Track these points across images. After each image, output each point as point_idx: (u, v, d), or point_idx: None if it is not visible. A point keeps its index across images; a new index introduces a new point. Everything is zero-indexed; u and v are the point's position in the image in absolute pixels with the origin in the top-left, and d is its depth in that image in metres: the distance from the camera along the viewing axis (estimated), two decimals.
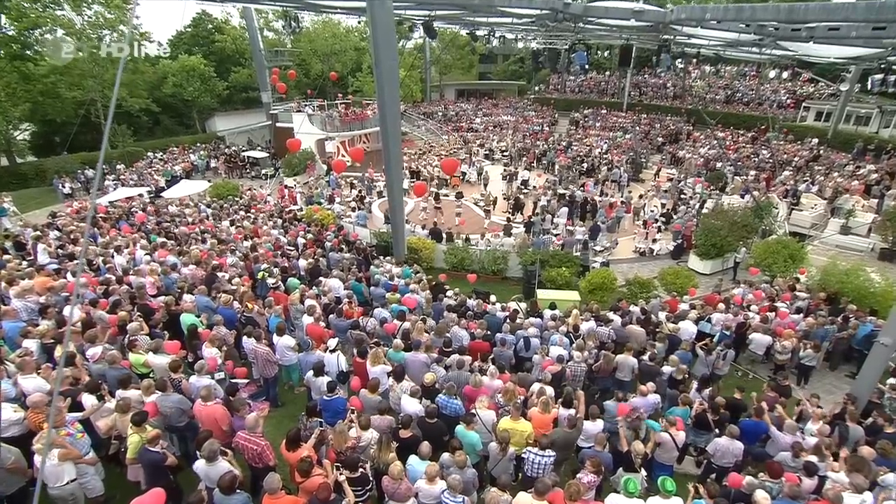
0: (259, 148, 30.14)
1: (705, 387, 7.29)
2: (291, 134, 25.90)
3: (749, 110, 32.16)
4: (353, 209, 18.23)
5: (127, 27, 22.35)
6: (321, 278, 10.25)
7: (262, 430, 5.19)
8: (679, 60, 20.33)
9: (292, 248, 12.69)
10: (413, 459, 5.04)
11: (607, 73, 47.06)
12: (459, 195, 21.02)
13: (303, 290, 9.21)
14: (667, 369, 7.79)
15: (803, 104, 29.30)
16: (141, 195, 17.90)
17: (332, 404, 5.94)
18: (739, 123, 30.29)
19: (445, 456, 5.16)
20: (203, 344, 6.85)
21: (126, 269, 9.27)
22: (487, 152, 30.30)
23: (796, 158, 22.78)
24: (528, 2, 11.76)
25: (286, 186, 21.36)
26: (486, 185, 22.52)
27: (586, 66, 13.79)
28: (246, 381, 7.39)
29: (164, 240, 11.26)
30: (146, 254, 10.21)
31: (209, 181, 21.54)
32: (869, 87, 15.61)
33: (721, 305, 10.20)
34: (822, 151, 23.74)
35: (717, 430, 6.52)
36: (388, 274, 11.43)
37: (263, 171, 26.30)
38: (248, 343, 7.23)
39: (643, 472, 5.58)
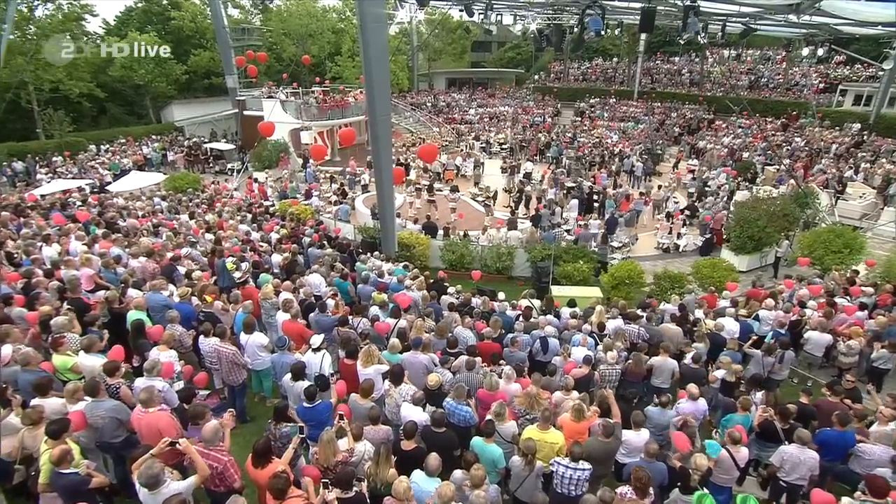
0: (224, 140, 29.51)
1: (759, 392, 6.80)
2: (258, 122, 25.37)
3: (777, 95, 32.40)
4: (335, 203, 17.73)
5: None
6: (298, 276, 9.62)
7: (227, 445, 4.55)
8: (701, 35, 20.23)
9: (264, 245, 12.06)
10: (418, 476, 4.45)
11: (615, 59, 47.64)
12: (455, 189, 20.67)
13: (276, 283, 8.57)
14: (719, 373, 7.26)
15: (839, 87, 29.45)
16: (81, 188, 17.15)
17: (315, 413, 5.30)
18: (767, 110, 30.47)
19: (458, 473, 4.58)
20: (152, 346, 6.18)
21: (56, 261, 8.54)
22: (484, 145, 30.16)
23: (835, 146, 22.74)
24: None
25: (255, 180, 20.76)
26: (476, 183, 22.33)
27: (602, 33, 13.50)
28: (207, 391, 6.72)
29: (107, 230, 10.53)
30: (83, 244, 9.49)
31: (165, 175, 20.86)
32: None
33: (769, 301, 9.77)
34: (865, 137, 23.77)
35: (786, 442, 5.99)
36: (378, 270, 10.87)
37: (229, 165, 25.69)
38: (209, 343, 6.56)
39: (704, 490, 5.01)
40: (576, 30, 13.07)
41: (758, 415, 6.24)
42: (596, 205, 18.34)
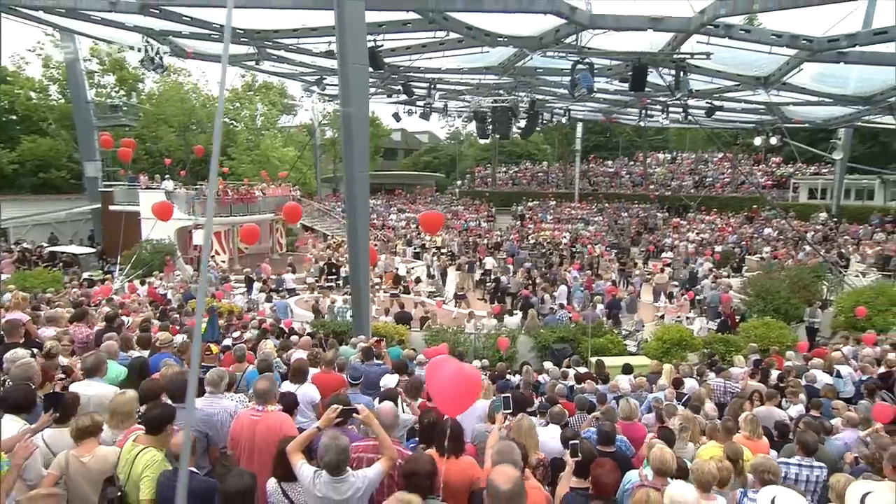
0: (76, 243, 27.81)
1: None
2: (131, 220, 24.50)
3: (729, 192, 37.86)
4: (268, 299, 17.37)
5: None
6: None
7: None
8: (663, 117, 23.79)
9: None
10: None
11: (544, 163, 53.55)
12: (405, 291, 21.14)
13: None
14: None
15: (792, 182, 35.13)
16: None
17: None
18: (723, 207, 35.23)
19: None
20: None
21: None
22: (418, 250, 31.43)
23: (810, 234, 26.58)
24: (529, 3, 13.39)
25: (142, 282, 19.50)
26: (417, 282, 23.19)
27: (594, 90, 15.54)
28: None
29: None
30: None
31: None
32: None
33: (837, 355, 10.77)
34: (836, 225, 28.18)
35: None
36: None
37: (87, 275, 23.84)
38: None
39: None
40: (574, 79, 14.73)
41: None
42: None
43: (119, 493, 3.47)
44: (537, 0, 13.27)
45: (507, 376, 9.64)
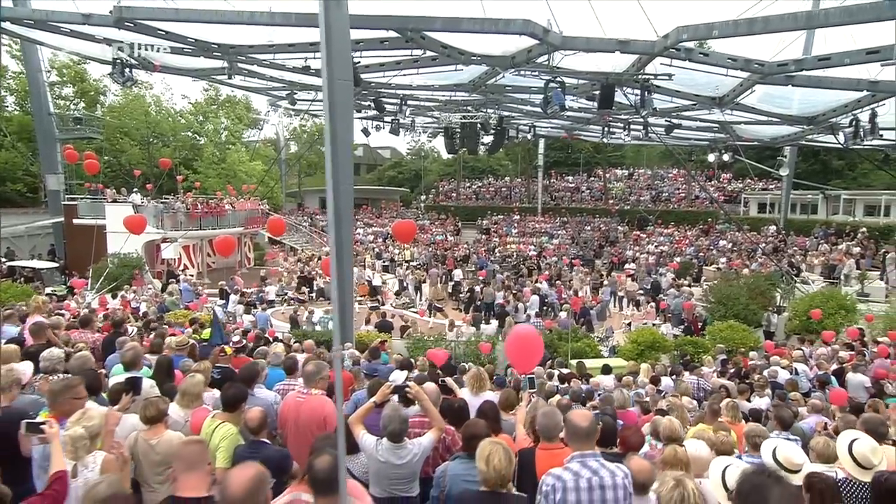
0: (35, 258, 27.13)
1: None
2: (94, 233, 24.15)
3: (685, 206, 39.43)
4: (247, 311, 17.45)
5: None
6: None
7: None
8: (624, 134, 24.85)
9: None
10: None
11: (507, 178, 54.73)
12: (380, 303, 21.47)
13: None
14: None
15: (742, 197, 36.86)
16: None
17: None
18: (680, 220, 36.75)
19: None
20: None
21: None
22: (387, 263, 31.78)
23: (762, 245, 27.98)
24: (505, 24, 14.03)
25: (114, 296, 19.25)
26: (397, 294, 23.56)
27: (566, 107, 16.30)
28: None
29: None
30: None
31: None
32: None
33: (796, 353, 11.63)
34: (785, 237, 29.70)
35: None
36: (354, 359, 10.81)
37: (50, 290, 23.33)
38: None
39: None
40: (547, 96, 15.41)
41: None
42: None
43: None
44: (513, 22, 13.86)
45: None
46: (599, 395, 8.69)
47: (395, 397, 4.21)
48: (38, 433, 3.26)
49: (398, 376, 7.27)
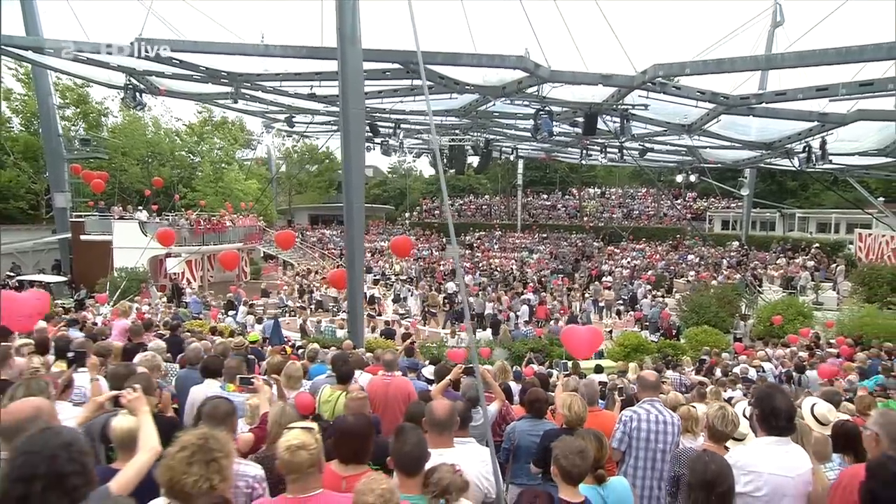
0: (40, 272, 27.38)
1: None
2: (102, 249, 24.69)
3: (654, 223, 41.08)
4: (258, 321, 18.12)
5: None
6: None
7: None
8: (601, 156, 26.22)
9: None
10: None
11: (486, 196, 56.06)
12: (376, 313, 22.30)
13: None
14: None
15: (707, 214, 38.63)
16: None
17: None
18: (651, 236, 38.35)
19: None
20: None
21: None
22: (378, 276, 32.56)
23: (725, 259, 29.52)
24: (501, 60, 15.18)
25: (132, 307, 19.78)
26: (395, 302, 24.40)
27: (554, 133, 17.47)
28: None
29: None
30: None
31: None
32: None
33: (761, 354, 12.84)
34: (747, 252, 31.33)
35: None
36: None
37: (59, 303, 23.69)
38: None
39: None
40: (536, 123, 16.57)
41: None
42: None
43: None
44: (508, 58, 14.99)
45: None
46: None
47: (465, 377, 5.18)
48: (249, 385, 4.42)
49: (429, 370, 8.23)
